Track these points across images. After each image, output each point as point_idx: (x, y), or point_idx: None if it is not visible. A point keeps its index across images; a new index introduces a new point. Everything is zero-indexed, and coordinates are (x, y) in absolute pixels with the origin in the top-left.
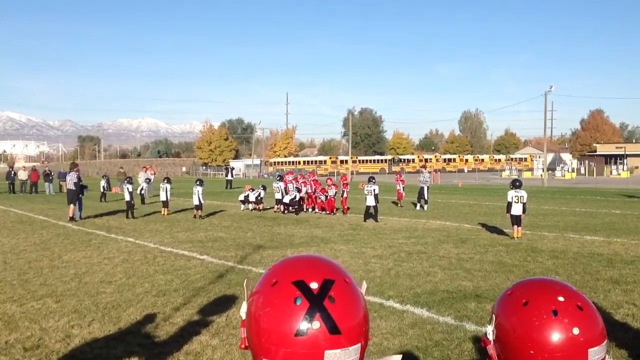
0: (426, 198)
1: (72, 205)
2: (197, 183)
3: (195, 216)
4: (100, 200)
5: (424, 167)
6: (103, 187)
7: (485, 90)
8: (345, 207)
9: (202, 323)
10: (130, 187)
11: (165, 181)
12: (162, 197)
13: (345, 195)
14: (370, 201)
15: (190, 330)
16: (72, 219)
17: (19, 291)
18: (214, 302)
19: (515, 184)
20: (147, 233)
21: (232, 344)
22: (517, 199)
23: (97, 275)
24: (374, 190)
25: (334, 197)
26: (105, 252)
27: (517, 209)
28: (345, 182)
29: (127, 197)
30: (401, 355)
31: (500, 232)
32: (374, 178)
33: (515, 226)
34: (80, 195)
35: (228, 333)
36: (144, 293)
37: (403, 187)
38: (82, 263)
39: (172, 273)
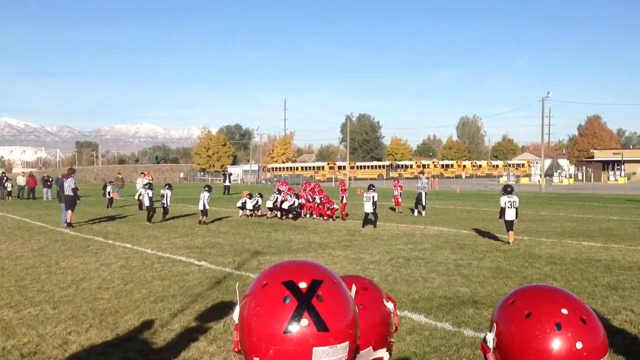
0: (424, 204)
1: (69, 211)
2: (205, 189)
3: (200, 222)
4: (108, 207)
5: (422, 173)
6: (108, 192)
7: (483, 96)
8: (344, 213)
9: (200, 329)
10: (150, 192)
11: (166, 187)
12: (165, 203)
13: (345, 201)
14: (368, 208)
15: (187, 337)
16: (69, 224)
17: (16, 297)
18: (211, 309)
19: (507, 190)
20: (145, 239)
21: (229, 351)
22: (511, 205)
23: (94, 282)
24: (373, 197)
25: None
26: (103, 258)
27: (510, 214)
28: (343, 187)
29: (147, 203)
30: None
31: (498, 238)
32: (373, 186)
33: (510, 231)
34: (77, 201)
35: (225, 339)
36: (142, 299)
37: (400, 193)
38: (79, 269)
39: (170, 279)
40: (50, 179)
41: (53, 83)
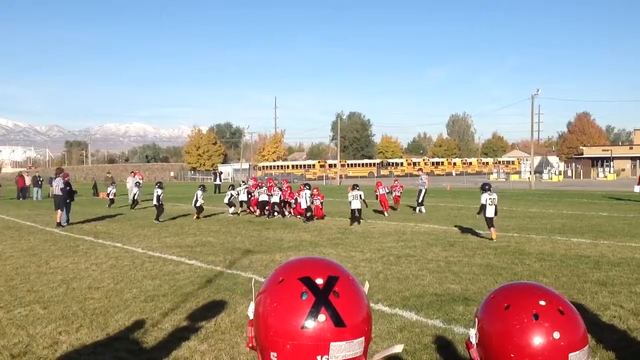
0: (419, 201)
1: (59, 210)
2: (200, 188)
3: (196, 217)
4: (109, 207)
5: (421, 170)
6: (109, 193)
7: (473, 93)
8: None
9: (191, 328)
10: (160, 191)
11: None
12: (155, 202)
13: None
14: (355, 205)
15: (178, 336)
16: (59, 224)
17: (6, 297)
18: (202, 307)
19: (486, 187)
20: (135, 238)
21: (220, 349)
22: (491, 202)
23: (84, 281)
24: (360, 195)
25: (321, 206)
26: (93, 258)
27: (490, 211)
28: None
29: (155, 201)
30: (403, 345)
31: (481, 235)
32: (357, 185)
33: (492, 228)
34: (68, 201)
35: (217, 338)
36: (132, 299)
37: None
38: (69, 269)
39: (161, 278)
40: (41, 179)
41: (42, 82)
